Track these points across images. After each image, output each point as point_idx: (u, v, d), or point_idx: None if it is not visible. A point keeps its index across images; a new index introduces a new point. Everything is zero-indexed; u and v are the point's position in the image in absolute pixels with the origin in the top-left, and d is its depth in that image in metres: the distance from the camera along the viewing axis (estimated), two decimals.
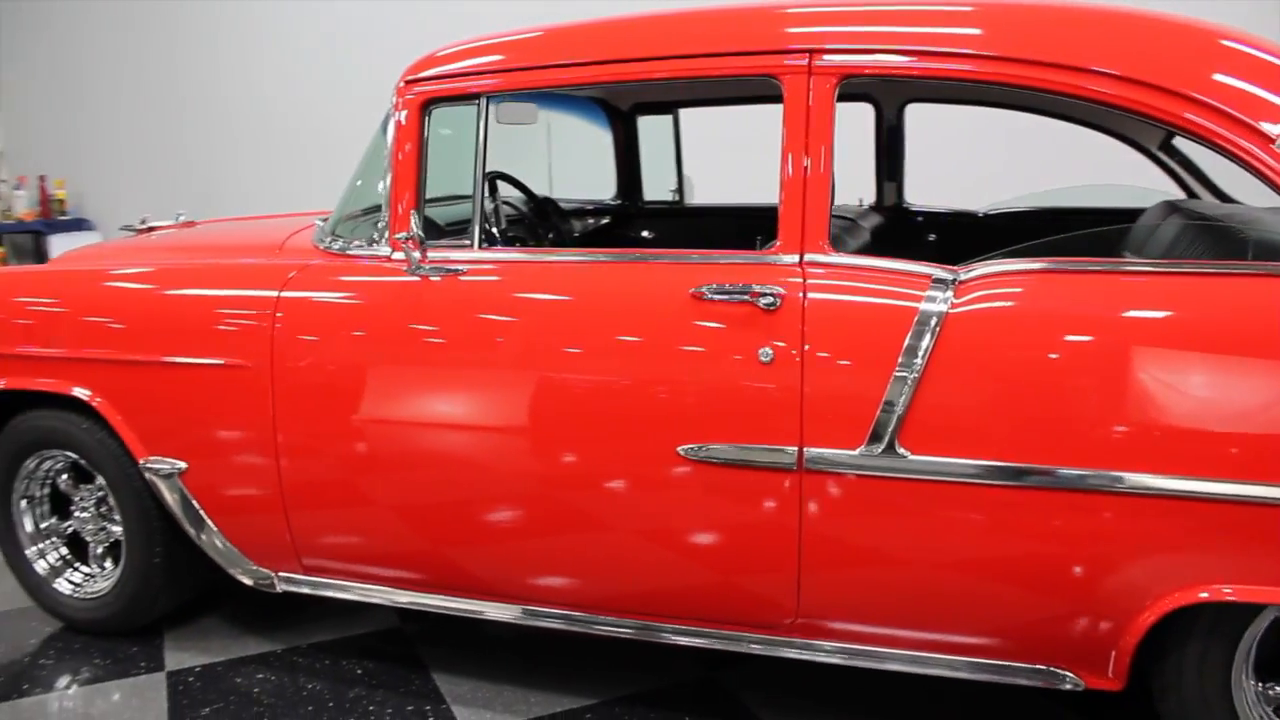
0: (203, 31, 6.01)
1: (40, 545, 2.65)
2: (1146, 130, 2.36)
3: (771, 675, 2.31)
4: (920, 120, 2.97)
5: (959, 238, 2.87)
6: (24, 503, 2.64)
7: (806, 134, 1.87)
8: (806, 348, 1.81)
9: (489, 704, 2.27)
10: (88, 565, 2.63)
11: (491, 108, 2.15)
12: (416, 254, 2.10)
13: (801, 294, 1.83)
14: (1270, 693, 1.76)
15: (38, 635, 2.65)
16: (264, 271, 2.30)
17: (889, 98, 2.92)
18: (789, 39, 1.90)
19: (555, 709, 2.24)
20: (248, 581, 2.39)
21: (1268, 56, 1.74)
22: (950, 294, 1.75)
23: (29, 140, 6.81)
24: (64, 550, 2.65)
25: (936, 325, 1.74)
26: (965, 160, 3.77)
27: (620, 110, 3.30)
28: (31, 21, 6.65)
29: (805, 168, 1.87)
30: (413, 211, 2.12)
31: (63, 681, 2.43)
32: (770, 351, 1.83)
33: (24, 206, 6.37)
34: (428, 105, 2.18)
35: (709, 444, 1.87)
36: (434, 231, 2.25)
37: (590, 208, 3.39)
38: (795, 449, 1.82)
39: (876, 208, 3.09)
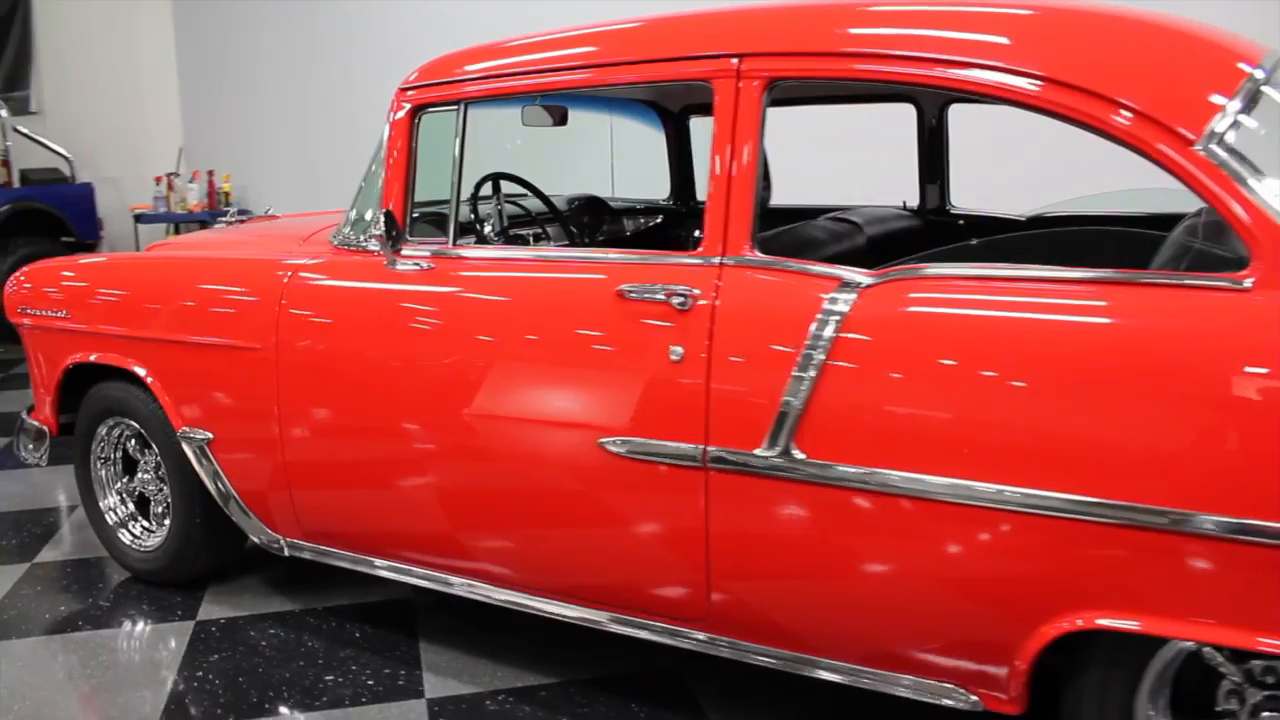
0: (371, 32, 6.41)
1: (111, 500, 2.99)
2: None
3: (731, 673, 2.33)
4: (983, 121, 2.88)
5: (1000, 243, 2.79)
6: (100, 463, 3.00)
7: (733, 137, 1.90)
8: (713, 347, 1.84)
9: (458, 674, 2.41)
10: (147, 521, 2.95)
11: (476, 112, 2.29)
12: (390, 250, 2.26)
13: (713, 295, 1.86)
14: None
15: (107, 581, 2.99)
16: (279, 264, 2.52)
17: (929, 99, 2.85)
18: (719, 45, 1.93)
19: (516, 684, 2.35)
20: (260, 543, 2.62)
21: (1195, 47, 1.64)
22: (853, 298, 1.74)
23: (204, 137, 7.56)
24: (131, 506, 2.99)
25: (834, 329, 1.73)
26: (1030, 162, 3.62)
27: (671, 112, 3.37)
28: (211, 23, 7.34)
29: (730, 170, 1.90)
30: (384, 211, 2.28)
31: (109, 620, 2.75)
32: (681, 350, 1.87)
33: (195, 198, 7.09)
34: (417, 112, 2.34)
35: (626, 437, 1.93)
36: (437, 229, 2.41)
37: (640, 208, 3.48)
38: (701, 447, 1.85)
39: (918, 211, 3.03)
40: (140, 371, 2.72)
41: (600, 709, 2.24)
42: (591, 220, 3.28)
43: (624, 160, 3.70)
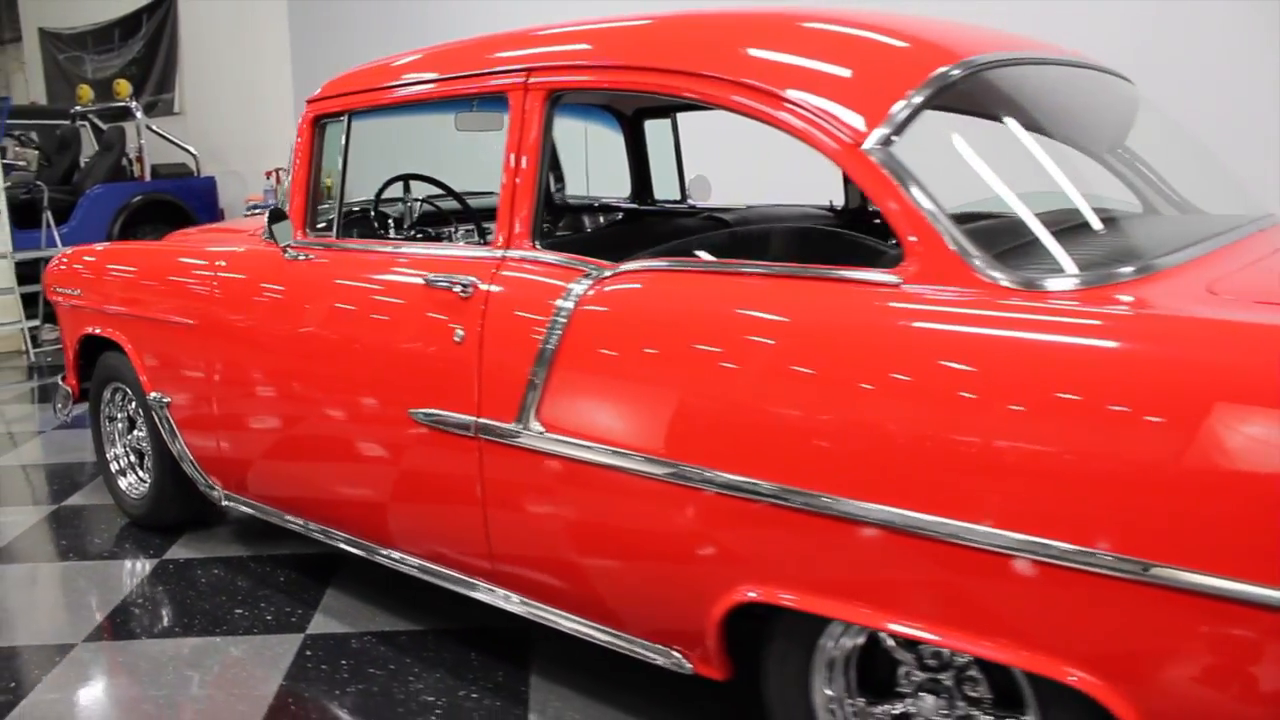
0: (476, 31, 6.85)
1: (115, 452, 3.49)
2: None
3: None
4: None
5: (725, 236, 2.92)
6: (107, 421, 3.50)
7: (520, 144, 2.13)
8: (484, 331, 2.08)
9: (342, 617, 2.73)
10: (142, 473, 3.43)
11: (361, 122, 2.60)
12: (280, 241, 2.61)
13: (489, 284, 2.10)
14: (873, 710, 1.76)
15: (110, 525, 3.49)
16: (216, 254, 2.91)
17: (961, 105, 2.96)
18: (511, 62, 2.16)
19: (385, 628, 2.65)
20: (208, 496, 3.03)
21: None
22: (586, 288, 1.95)
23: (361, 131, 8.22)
24: (130, 459, 3.47)
25: (567, 315, 1.94)
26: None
27: (626, 115, 3.58)
28: (323, 24, 7.97)
29: (516, 173, 2.13)
30: (271, 209, 2.62)
31: (94, 554, 3.23)
32: (462, 333, 2.12)
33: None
34: (317, 121, 2.66)
35: (427, 409, 2.19)
36: (364, 226, 2.76)
37: (598, 206, 3.71)
38: (474, 419, 2.09)
39: (842, 210, 3.14)
40: (123, 342, 3.18)
41: (445, 654, 2.51)
42: (550, 218, 3.53)
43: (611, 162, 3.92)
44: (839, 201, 3.12)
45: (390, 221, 2.90)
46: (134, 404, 3.39)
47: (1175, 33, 4.07)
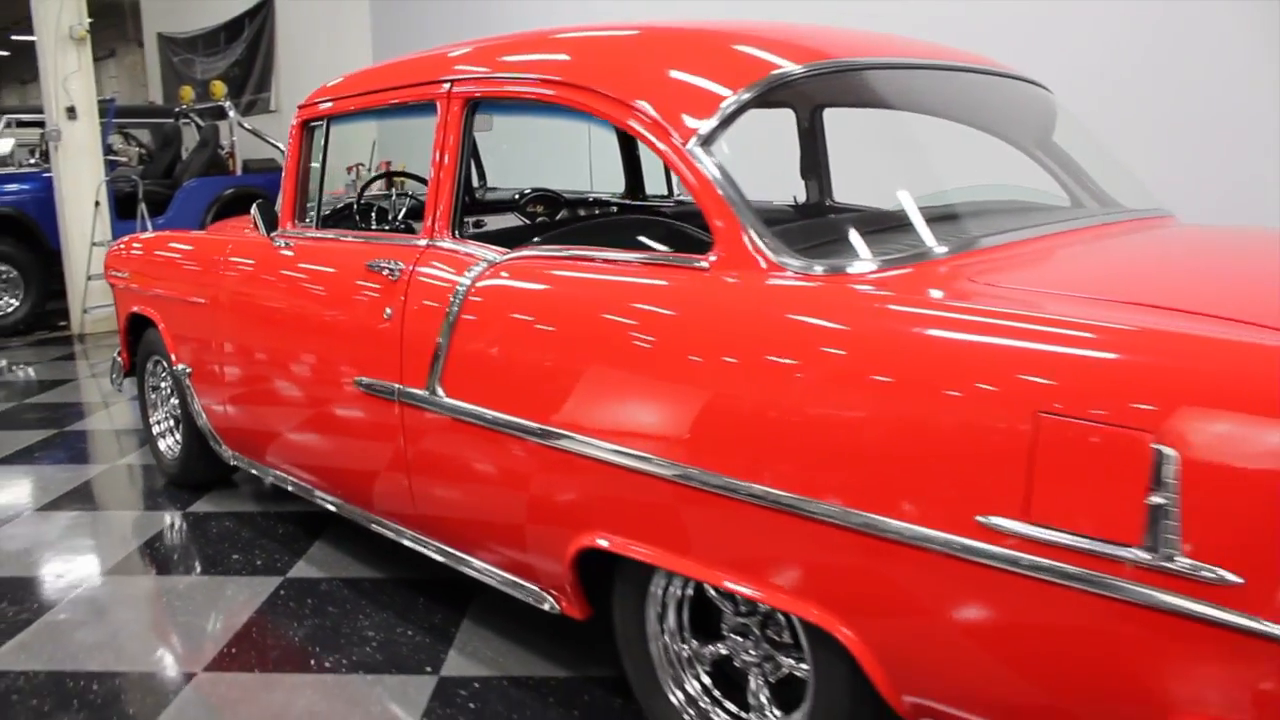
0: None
1: (157, 418, 3.94)
2: None
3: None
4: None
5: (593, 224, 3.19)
6: (151, 390, 3.95)
7: (443, 145, 2.42)
8: (405, 309, 2.38)
9: (321, 564, 3.08)
10: (176, 436, 3.86)
11: (335, 127, 2.94)
12: (265, 231, 2.96)
13: (412, 268, 2.40)
14: (704, 651, 1.98)
15: (152, 482, 3.95)
16: (226, 242, 3.30)
17: (803, 105, 3.17)
18: (440, 74, 2.45)
19: (353, 575, 2.99)
20: (222, 457, 3.43)
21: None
22: (480, 271, 2.22)
23: (394, 131, 8.70)
24: (170, 425, 3.91)
25: (462, 296, 2.22)
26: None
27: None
28: (404, 25, 8.43)
29: (440, 172, 2.42)
30: (258, 203, 2.98)
31: (130, 506, 3.68)
32: (390, 311, 2.42)
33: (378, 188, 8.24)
34: (304, 125, 3.01)
35: (365, 377, 2.51)
36: (349, 219, 3.11)
37: (592, 200, 3.97)
38: (397, 385, 2.39)
39: (803, 205, 3.33)
40: (156, 320, 3.61)
41: (396, 599, 2.83)
42: (548, 211, 3.82)
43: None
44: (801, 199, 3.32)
45: (373, 215, 3.22)
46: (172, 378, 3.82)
47: (1178, 34, 4.07)
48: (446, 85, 2.42)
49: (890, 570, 1.52)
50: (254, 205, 3.00)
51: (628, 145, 3.90)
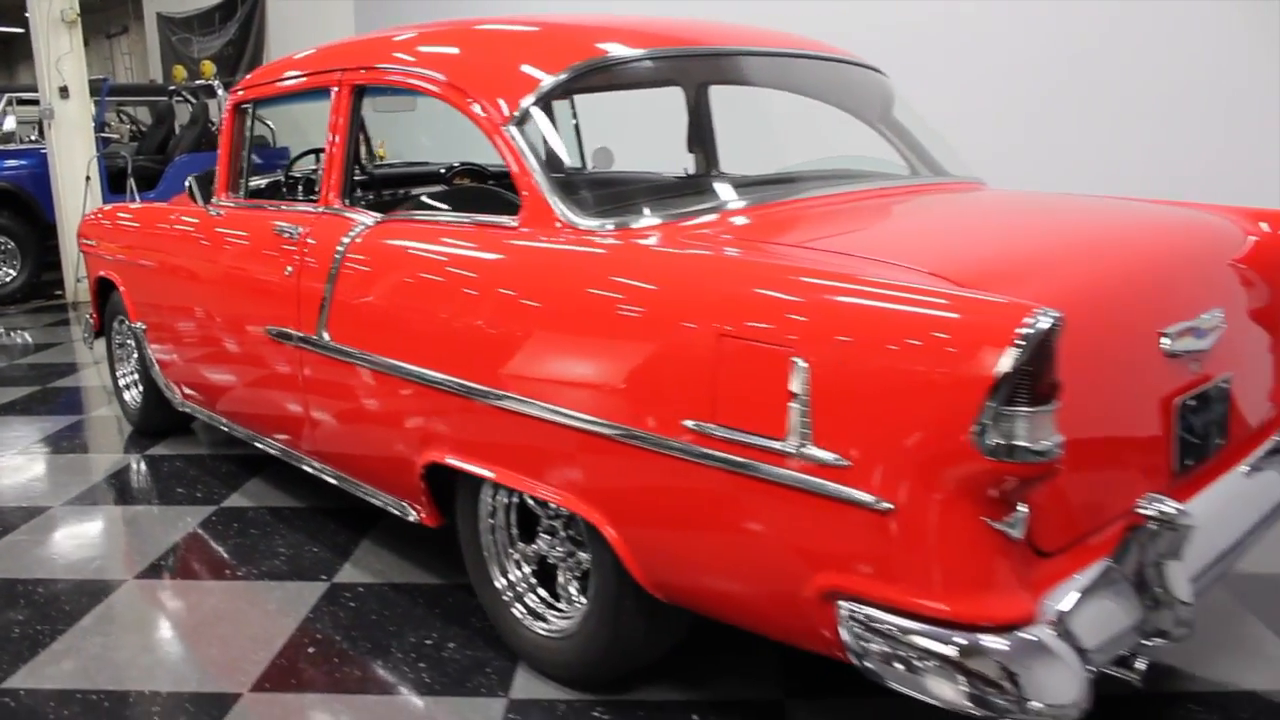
0: None
1: (123, 372, 4.34)
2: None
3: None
4: None
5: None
6: (118, 349, 4.35)
7: (335, 125, 2.78)
8: (301, 267, 2.75)
9: (252, 496, 3.48)
10: (139, 388, 4.27)
11: (259, 109, 3.31)
12: (201, 202, 3.34)
13: (308, 232, 2.77)
14: (527, 550, 2.36)
15: (121, 431, 4.36)
16: (174, 209, 3.68)
17: (689, 83, 3.52)
18: (336, 64, 2.82)
19: (279, 505, 3.39)
20: (173, 404, 3.82)
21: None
22: (358, 231, 2.59)
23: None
24: (134, 377, 4.31)
25: (340, 254, 2.60)
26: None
27: None
28: (383, 17, 8.80)
29: (331, 148, 2.78)
30: (192, 178, 3.36)
31: (94, 450, 4.10)
32: (291, 268, 2.80)
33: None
34: (237, 107, 3.38)
35: (274, 325, 2.89)
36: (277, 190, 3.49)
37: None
38: (297, 332, 2.77)
39: (691, 176, 3.68)
40: (117, 281, 4.01)
41: (311, 524, 3.22)
42: (475, 182, 4.18)
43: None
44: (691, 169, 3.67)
45: (300, 187, 3.59)
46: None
47: (1183, 34, 4.34)
48: (337, 74, 2.79)
49: (630, 472, 1.89)
50: (189, 178, 3.38)
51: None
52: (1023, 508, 1.50)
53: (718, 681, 2.25)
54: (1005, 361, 1.40)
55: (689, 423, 1.75)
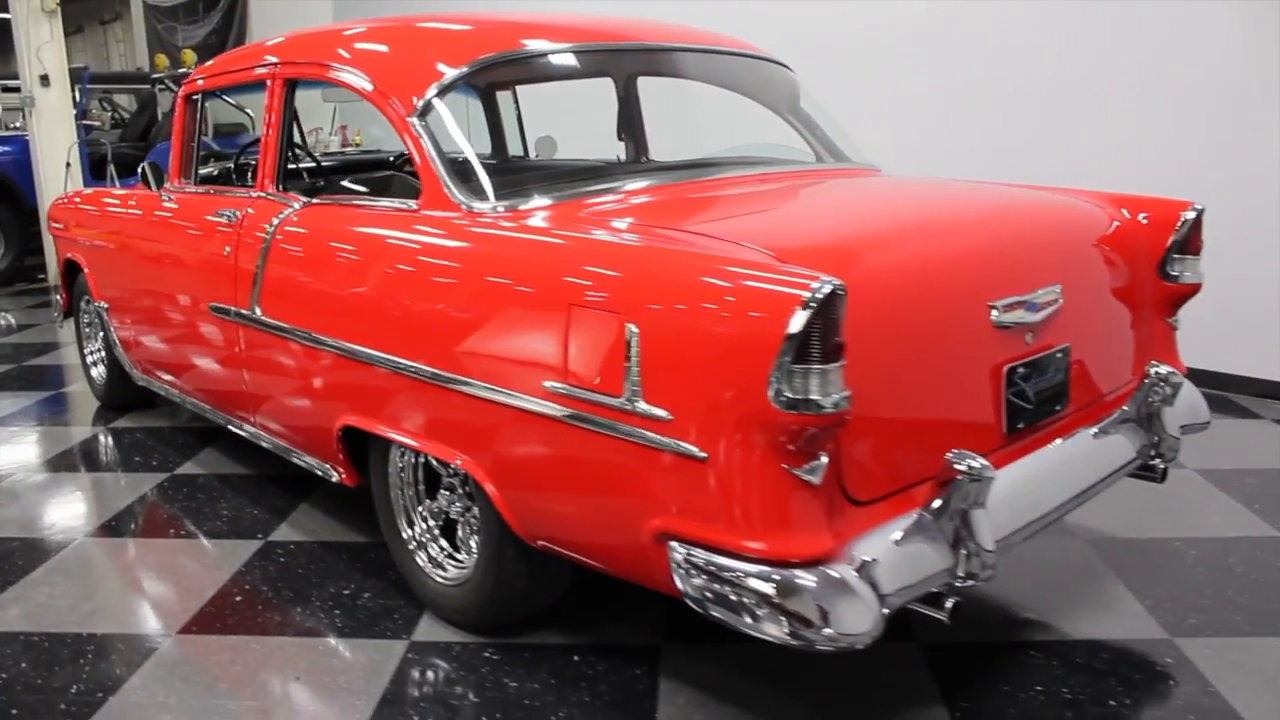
0: None
1: (90, 349, 4.55)
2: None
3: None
4: None
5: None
6: (87, 328, 4.56)
7: (269, 115, 2.98)
8: (238, 247, 2.96)
9: (203, 464, 3.70)
10: (105, 364, 4.47)
11: (226, 97, 3.51)
12: (154, 187, 3.55)
13: (244, 215, 2.97)
14: (432, 506, 2.56)
15: (89, 407, 4.57)
16: (134, 193, 3.88)
17: (619, 73, 3.71)
18: (269, 57, 3.02)
19: (228, 472, 3.60)
20: (133, 378, 4.03)
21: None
22: (287, 213, 2.79)
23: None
24: (101, 354, 4.52)
25: (270, 235, 2.80)
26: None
27: (479, 87, 4.39)
28: (361, 12, 8.99)
29: (266, 138, 2.98)
30: (144, 164, 3.56)
31: (64, 423, 4.31)
32: (229, 249, 3.00)
33: (334, 148, 8.82)
34: (189, 99, 3.58)
35: (215, 302, 3.09)
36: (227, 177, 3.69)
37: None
38: (234, 308, 2.98)
39: (623, 163, 3.87)
40: (81, 262, 4.22)
41: (255, 490, 3.44)
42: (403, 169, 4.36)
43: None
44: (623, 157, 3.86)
45: (249, 174, 3.79)
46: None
47: (1183, 35, 4.48)
48: (271, 68, 2.98)
49: (504, 430, 2.10)
50: (141, 165, 3.58)
51: (492, 114, 4.44)
52: (823, 457, 1.71)
53: (602, 628, 2.46)
54: (794, 324, 1.60)
55: (548, 384, 1.95)
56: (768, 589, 1.69)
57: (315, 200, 2.80)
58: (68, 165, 7.49)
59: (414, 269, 2.30)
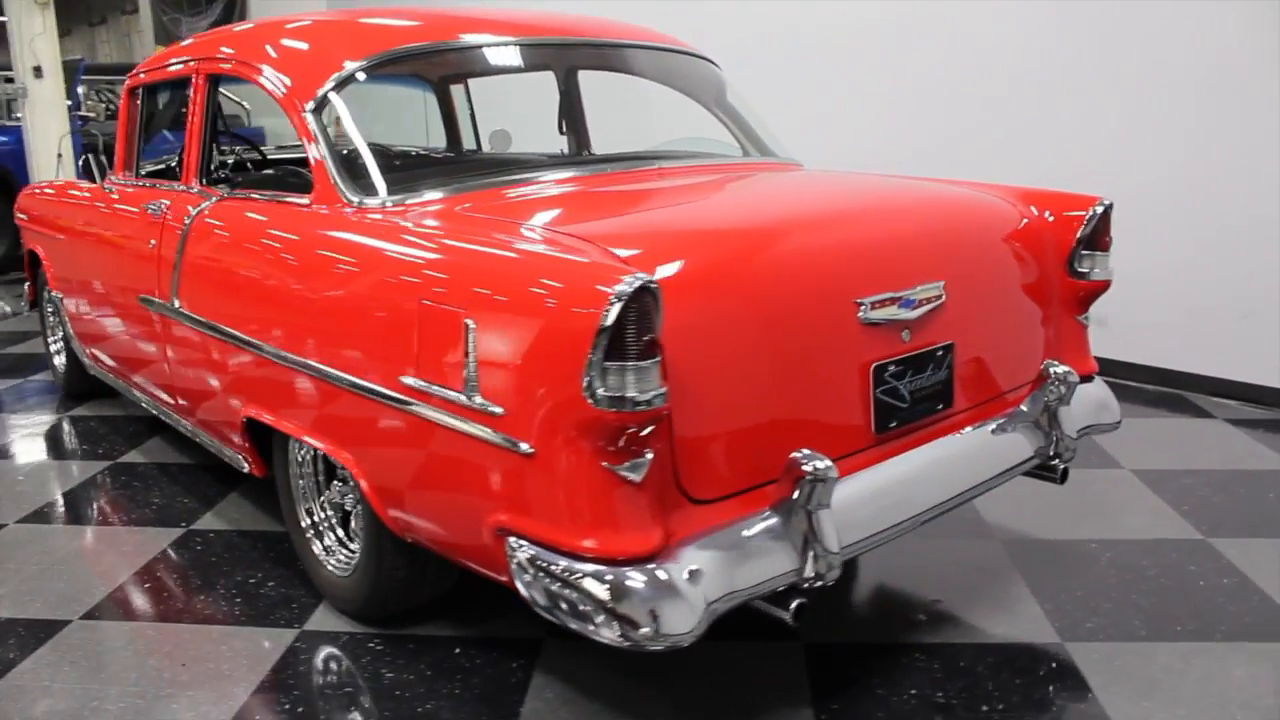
0: None
1: (53, 339, 4.64)
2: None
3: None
4: None
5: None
6: (51, 317, 4.64)
7: (194, 111, 3.02)
8: (162, 239, 3.00)
9: (147, 453, 3.76)
10: (65, 355, 4.55)
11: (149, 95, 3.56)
12: (97, 179, 3.61)
13: (169, 209, 3.02)
14: (332, 497, 2.60)
15: (55, 396, 4.65)
16: (85, 185, 3.95)
17: (560, 67, 3.73)
18: (195, 54, 3.06)
19: (168, 461, 3.67)
20: (85, 365, 4.10)
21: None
22: (204, 207, 2.84)
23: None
24: (62, 344, 4.60)
25: (187, 228, 2.84)
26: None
27: (433, 81, 4.41)
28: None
29: (191, 133, 3.03)
30: (84, 157, 3.62)
31: (24, 410, 4.40)
32: (154, 242, 3.05)
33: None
34: (132, 92, 3.63)
35: (143, 294, 3.14)
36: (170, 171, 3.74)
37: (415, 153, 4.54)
38: (158, 299, 3.03)
39: (563, 157, 3.89)
40: (41, 255, 4.29)
41: (191, 479, 3.50)
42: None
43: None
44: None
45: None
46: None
47: (1174, 32, 4.45)
48: (196, 64, 3.03)
49: (369, 423, 2.12)
50: (85, 156, 3.64)
51: (446, 106, 4.47)
52: (647, 454, 1.71)
53: (487, 622, 2.49)
54: (604, 319, 1.60)
55: (405, 379, 1.98)
56: (581, 581, 1.69)
57: (227, 194, 2.84)
58: (59, 156, 7.60)
59: (297, 264, 2.34)
